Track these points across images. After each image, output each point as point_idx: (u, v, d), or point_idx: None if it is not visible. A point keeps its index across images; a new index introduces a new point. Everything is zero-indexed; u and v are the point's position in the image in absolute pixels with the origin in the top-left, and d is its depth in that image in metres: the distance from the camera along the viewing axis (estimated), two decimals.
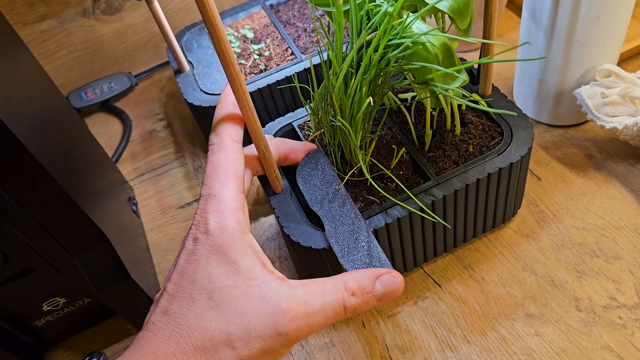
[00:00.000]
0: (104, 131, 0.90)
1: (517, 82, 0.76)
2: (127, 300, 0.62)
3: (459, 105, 0.61)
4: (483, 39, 0.57)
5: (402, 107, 0.60)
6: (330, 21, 0.49)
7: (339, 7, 0.39)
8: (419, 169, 0.59)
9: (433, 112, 0.61)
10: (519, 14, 0.89)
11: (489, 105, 0.62)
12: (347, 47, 0.49)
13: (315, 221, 0.56)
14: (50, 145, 0.53)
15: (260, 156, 0.55)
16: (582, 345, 0.56)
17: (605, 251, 0.62)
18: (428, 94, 0.56)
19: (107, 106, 0.93)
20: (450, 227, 0.60)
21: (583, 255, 0.62)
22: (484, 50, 0.58)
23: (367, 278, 0.44)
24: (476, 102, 0.59)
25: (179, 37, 0.81)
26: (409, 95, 0.62)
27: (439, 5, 0.41)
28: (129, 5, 0.90)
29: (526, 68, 0.71)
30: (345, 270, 0.49)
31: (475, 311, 0.60)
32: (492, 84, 0.63)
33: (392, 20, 0.40)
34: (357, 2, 0.43)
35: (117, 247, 0.59)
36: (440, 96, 0.54)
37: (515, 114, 0.54)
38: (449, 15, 0.42)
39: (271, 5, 0.83)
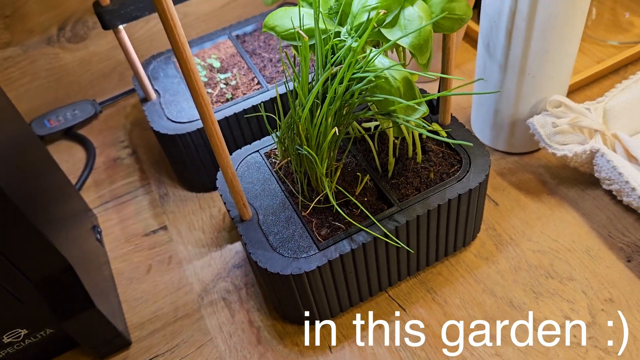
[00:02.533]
0: (67, 159, 0.89)
1: (474, 112, 0.79)
2: (91, 330, 0.61)
3: (420, 134, 0.64)
4: (442, 72, 0.60)
5: (366, 136, 0.62)
6: (296, 53, 0.51)
7: (304, 42, 0.41)
8: (382, 195, 0.61)
9: (395, 141, 0.63)
10: (475, 46, 0.93)
11: (449, 134, 0.64)
12: (312, 79, 0.51)
13: (282, 249, 0.57)
14: (12, 171, 0.53)
15: (227, 184, 0.56)
16: None
17: (559, 272, 0.65)
18: (391, 124, 0.58)
19: (71, 134, 0.92)
20: (413, 251, 0.62)
21: (539, 276, 0.65)
22: (443, 82, 0.61)
23: None
24: (436, 132, 0.62)
25: (145, 65, 0.81)
26: (372, 124, 0.64)
27: (401, 42, 0.43)
28: (95, 34, 0.90)
29: (483, 99, 0.74)
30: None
31: (438, 333, 0.62)
32: (451, 114, 0.66)
33: (357, 54, 0.42)
34: (323, 37, 0.45)
35: (81, 276, 0.58)
36: (402, 126, 0.57)
37: (471, 144, 0.56)
38: (409, 51, 0.45)
39: (237, 36, 0.85)
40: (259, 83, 0.77)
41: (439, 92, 0.64)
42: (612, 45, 0.90)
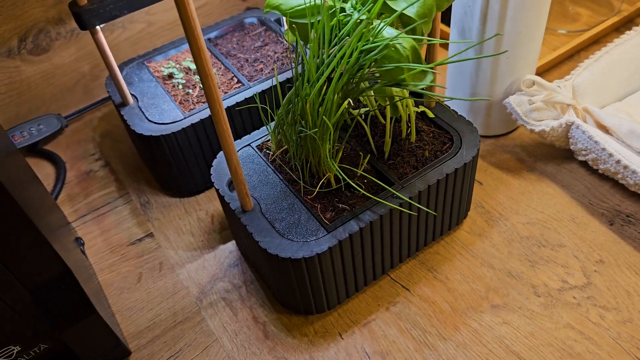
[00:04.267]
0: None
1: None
2: (91, 340, 0.58)
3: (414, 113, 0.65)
4: (426, 51, 0.62)
5: (360, 120, 0.63)
6: (295, 36, 0.51)
7: (322, 16, 0.41)
8: (381, 176, 0.62)
9: (389, 123, 0.64)
10: (445, 47, 0.96)
11: (437, 116, 0.66)
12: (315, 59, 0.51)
13: (290, 234, 0.57)
14: (7, 176, 0.50)
15: (231, 172, 0.55)
16: (546, 327, 0.60)
17: (550, 241, 0.68)
18: (381, 106, 0.60)
19: (37, 149, 0.88)
20: (436, 214, 0.62)
21: (532, 246, 0.67)
22: (429, 55, 0.63)
23: None
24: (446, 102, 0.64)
25: None
26: (363, 110, 0.65)
27: (407, 12, 0.45)
28: (57, 45, 0.87)
29: (459, 83, 0.77)
30: None
31: (445, 309, 0.63)
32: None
33: (368, 25, 0.43)
34: (330, 12, 0.46)
35: (80, 282, 0.55)
36: (399, 104, 0.58)
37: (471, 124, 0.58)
38: (414, 19, 0.46)
39: (209, 39, 0.85)
40: (239, 82, 0.76)
41: None
42: (563, 34, 0.96)
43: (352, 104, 0.50)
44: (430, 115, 0.66)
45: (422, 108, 0.66)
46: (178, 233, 0.75)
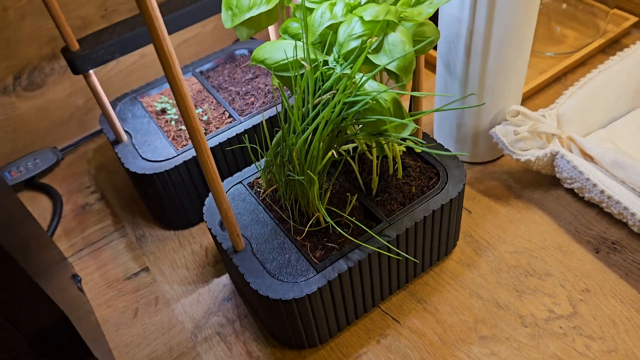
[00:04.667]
0: (33, 209, 0.86)
1: (436, 127, 0.83)
2: None
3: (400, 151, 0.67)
4: (412, 90, 0.64)
5: (348, 158, 0.65)
6: (279, 86, 0.53)
7: (307, 71, 0.43)
8: (369, 213, 0.63)
9: (375, 161, 0.66)
10: (432, 70, 0.98)
11: (423, 150, 0.68)
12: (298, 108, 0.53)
13: (281, 275, 0.58)
14: None
15: (222, 216, 0.56)
16: (533, 357, 0.61)
17: (537, 270, 0.69)
18: (371, 146, 0.61)
19: (34, 183, 0.89)
20: (417, 260, 0.64)
21: (519, 275, 0.69)
22: (414, 101, 0.65)
23: None
24: (440, 146, 0.65)
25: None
26: (350, 146, 0.66)
27: (389, 66, 0.46)
28: (51, 81, 0.89)
29: (445, 114, 0.79)
30: None
31: (435, 341, 0.64)
32: (422, 131, 0.69)
33: (351, 80, 0.44)
34: (313, 65, 0.47)
35: (75, 325, 0.56)
36: (385, 145, 0.60)
37: (462, 154, 0.60)
38: (393, 73, 0.48)
39: (201, 72, 0.86)
40: (230, 116, 0.78)
41: (410, 110, 0.67)
42: (550, 57, 0.97)
43: (336, 155, 0.51)
44: (417, 150, 0.68)
45: (409, 142, 0.68)
46: (173, 267, 0.76)
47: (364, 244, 0.58)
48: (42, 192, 0.89)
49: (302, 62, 0.43)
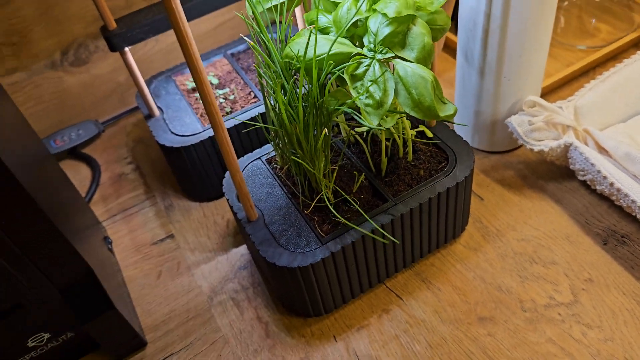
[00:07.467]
0: (74, 176, 0.93)
1: (456, 115, 0.85)
2: (110, 331, 0.65)
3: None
4: None
5: (359, 139, 0.68)
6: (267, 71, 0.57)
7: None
8: (377, 192, 0.66)
9: (387, 143, 0.69)
10: (453, 56, 1.00)
11: (435, 135, 0.70)
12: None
13: (289, 245, 0.62)
14: (38, 182, 0.57)
15: (236, 187, 0.61)
16: (529, 340, 0.63)
17: (542, 258, 0.70)
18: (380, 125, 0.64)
19: (76, 153, 0.96)
20: (398, 242, 0.66)
21: (524, 262, 0.70)
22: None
23: None
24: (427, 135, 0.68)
25: (147, 84, 0.86)
26: (364, 128, 0.69)
27: (408, 57, 0.49)
28: (96, 58, 0.95)
29: (463, 103, 0.80)
30: None
31: (435, 319, 0.67)
32: None
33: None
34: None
35: (101, 280, 0.62)
36: (392, 128, 0.62)
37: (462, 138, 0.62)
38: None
39: (232, 54, 0.91)
40: (255, 97, 0.82)
41: None
42: (580, 50, 0.97)
43: (328, 133, 0.54)
44: (429, 134, 0.70)
45: (421, 127, 0.70)
46: (196, 235, 0.81)
47: (369, 219, 0.61)
48: (83, 161, 0.96)
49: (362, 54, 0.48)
